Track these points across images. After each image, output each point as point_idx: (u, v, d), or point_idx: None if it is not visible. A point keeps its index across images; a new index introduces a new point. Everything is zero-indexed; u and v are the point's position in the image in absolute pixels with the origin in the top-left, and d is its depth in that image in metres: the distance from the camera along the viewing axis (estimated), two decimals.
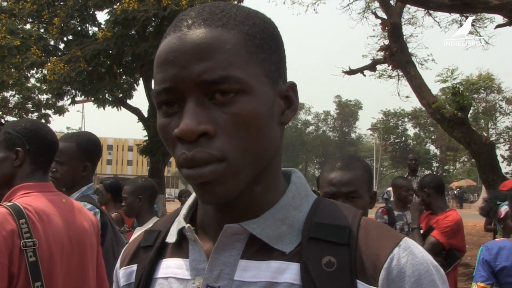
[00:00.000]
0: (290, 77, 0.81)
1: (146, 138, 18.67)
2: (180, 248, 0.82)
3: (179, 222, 0.82)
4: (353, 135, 77.51)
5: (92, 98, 17.48)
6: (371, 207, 1.87)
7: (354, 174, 1.79)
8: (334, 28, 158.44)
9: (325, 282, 0.69)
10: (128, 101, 19.87)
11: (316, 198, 0.82)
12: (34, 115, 24.12)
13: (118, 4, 15.78)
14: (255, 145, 0.70)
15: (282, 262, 0.73)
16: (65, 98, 18.67)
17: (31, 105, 24.84)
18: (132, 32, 16.14)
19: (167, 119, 0.71)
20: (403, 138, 60.62)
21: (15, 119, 19.76)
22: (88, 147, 2.47)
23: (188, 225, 0.79)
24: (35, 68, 18.71)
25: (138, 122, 19.65)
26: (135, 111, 19.45)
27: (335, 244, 0.72)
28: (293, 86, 0.79)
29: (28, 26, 19.15)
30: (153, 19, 15.29)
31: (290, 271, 0.72)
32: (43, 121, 22.19)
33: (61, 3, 17.92)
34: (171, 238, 0.83)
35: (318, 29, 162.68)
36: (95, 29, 18.34)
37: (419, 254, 0.73)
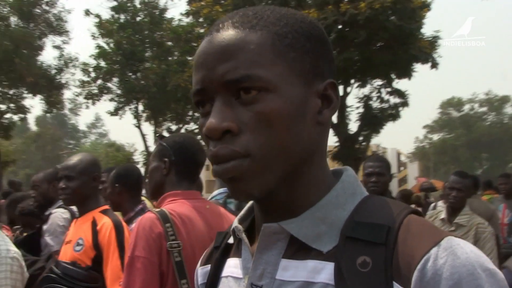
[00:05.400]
0: None
1: (337, 144, 18.83)
2: (239, 248, 0.85)
3: (234, 223, 0.85)
4: None
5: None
6: None
7: None
8: None
9: (358, 282, 0.66)
10: None
11: (365, 196, 0.78)
12: None
13: None
14: (281, 143, 0.70)
15: (319, 262, 0.71)
16: None
17: None
18: None
19: (203, 119, 0.75)
20: None
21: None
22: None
23: (236, 225, 0.82)
24: None
25: None
26: None
27: (372, 243, 0.68)
28: (332, 84, 0.77)
29: None
30: (333, 25, 15.44)
31: (326, 271, 0.70)
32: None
33: None
34: (231, 238, 0.88)
35: None
36: None
37: (462, 255, 0.64)
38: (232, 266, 0.85)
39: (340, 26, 15.48)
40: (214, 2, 17.81)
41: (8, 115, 24.53)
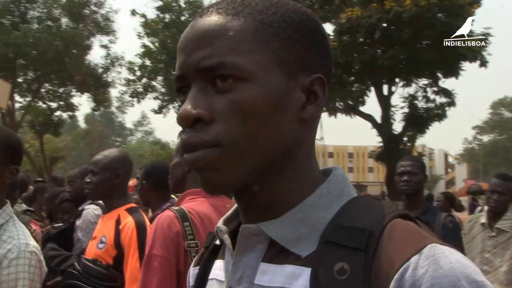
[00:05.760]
0: None
1: (381, 144, 18.52)
2: (224, 249, 0.82)
3: (218, 223, 0.81)
4: None
5: (323, 108, 18.16)
6: None
7: None
8: None
9: None
10: (361, 108, 20.05)
11: (353, 197, 0.73)
12: None
13: (342, 13, 16.12)
14: (254, 134, 0.67)
15: (296, 267, 0.67)
16: None
17: None
18: (361, 40, 16.28)
19: (181, 106, 0.73)
20: None
21: None
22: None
23: (219, 225, 0.79)
24: None
25: (372, 128, 19.67)
26: (368, 117, 19.51)
27: (351, 249, 0.63)
28: (319, 80, 0.72)
29: None
30: (378, 23, 15.16)
31: (303, 277, 0.66)
32: None
33: None
34: (217, 240, 0.84)
35: None
36: None
37: (446, 265, 0.58)
38: (217, 268, 0.82)
39: (384, 24, 15.19)
40: None
41: (58, 113, 25.39)
